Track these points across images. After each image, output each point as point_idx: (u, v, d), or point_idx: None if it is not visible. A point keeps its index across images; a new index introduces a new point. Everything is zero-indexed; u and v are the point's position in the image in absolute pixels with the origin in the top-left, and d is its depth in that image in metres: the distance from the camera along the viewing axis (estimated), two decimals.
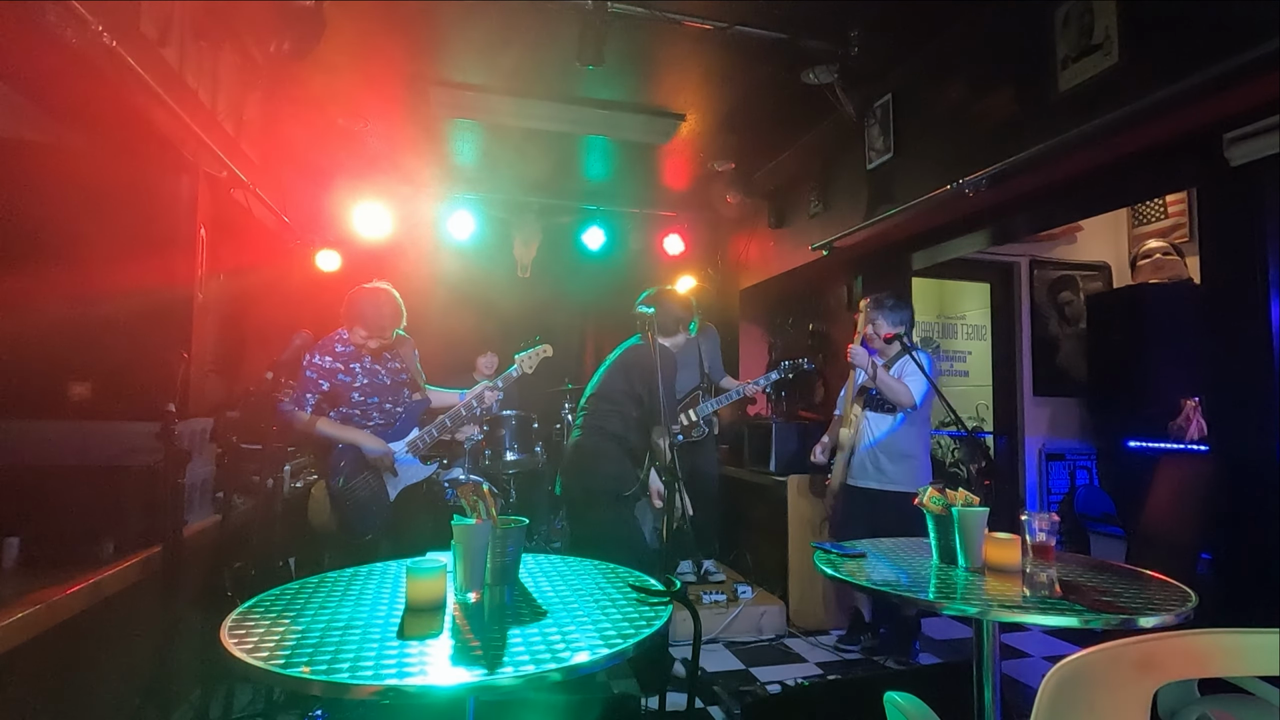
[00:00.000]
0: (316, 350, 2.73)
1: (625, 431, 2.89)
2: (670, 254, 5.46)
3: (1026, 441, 5.04)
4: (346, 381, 2.77)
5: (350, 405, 2.79)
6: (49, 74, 2.15)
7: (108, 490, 2.10)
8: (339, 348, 2.76)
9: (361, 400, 2.81)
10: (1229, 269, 2.33)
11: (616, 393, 2.94)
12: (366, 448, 2.76)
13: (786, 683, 3.12)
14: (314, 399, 2.71)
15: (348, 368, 2.77)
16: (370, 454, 2.77)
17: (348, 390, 2.78)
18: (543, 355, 3.09)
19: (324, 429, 2.73)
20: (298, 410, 2.68)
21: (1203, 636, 1.11)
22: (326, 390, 2.75)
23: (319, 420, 2.72)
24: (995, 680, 1.74)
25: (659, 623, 1.31)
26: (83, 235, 2.47)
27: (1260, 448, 2.14)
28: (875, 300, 3.47)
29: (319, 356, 2.73)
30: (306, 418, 2.70)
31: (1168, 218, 4.77)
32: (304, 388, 2.70)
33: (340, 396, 2.77)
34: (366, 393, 2.82)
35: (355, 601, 1.45)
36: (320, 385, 2.73)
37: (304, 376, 2.70)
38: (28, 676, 1.68)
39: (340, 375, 2.76)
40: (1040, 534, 1.92)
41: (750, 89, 3.67)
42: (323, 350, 2.74)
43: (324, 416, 2.75)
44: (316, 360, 2.72)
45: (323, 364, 2.73)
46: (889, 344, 3.43)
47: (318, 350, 2.74)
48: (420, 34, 3.23)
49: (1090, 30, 2.44)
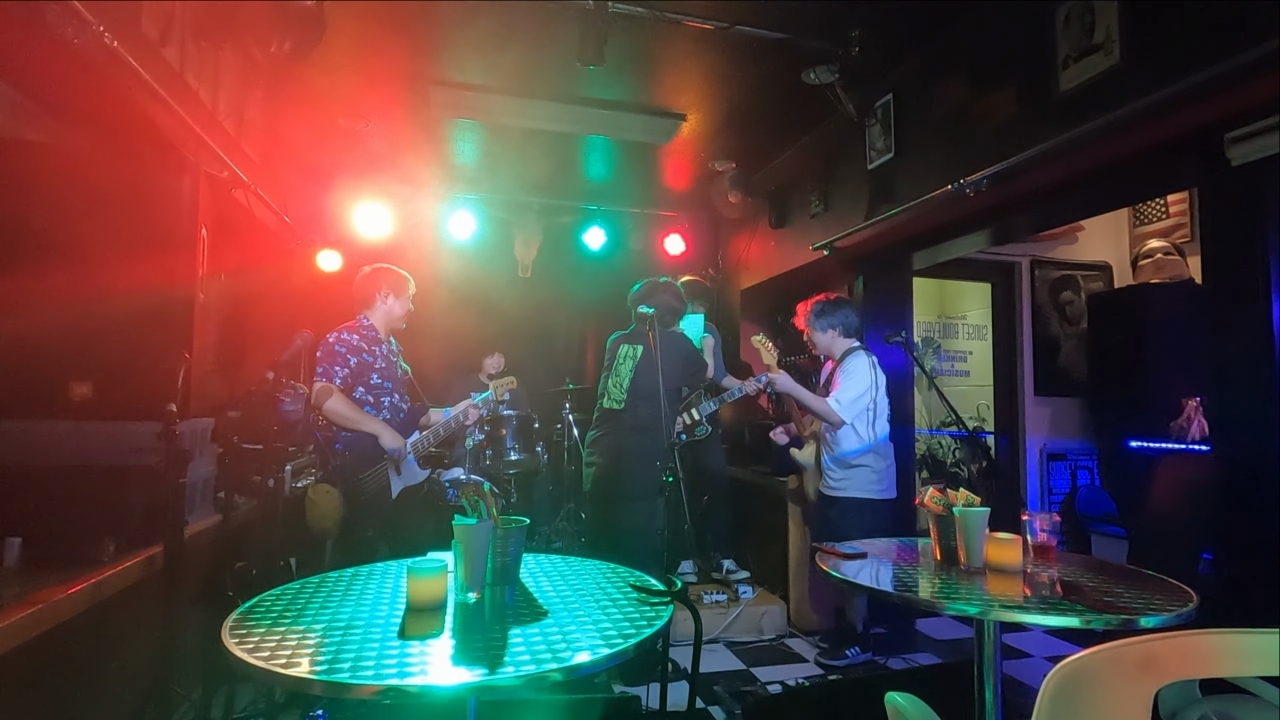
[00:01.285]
0: (343, 329, 2.84)
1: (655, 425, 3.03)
2: (671, 254, 5.46)
3: (1028, 441, 5.03)
4: (369, 361, 2.85)
5: (368, 388, 2.85)
6: (50, 74, 2.15)
7: (109, 490, 2.10)
8: (362, 330, 2.87)
9: (379, 384, 2.87)
10: (1230, 269, 2.33)
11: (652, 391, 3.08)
12: (385, 440, 2.79)
13: (787, 683, 3.13)
14: (342, 373, 2.77)
15: (371, 349, 2.86)
16: (388, 446, 2.80)
17: (368, 371, 2.84)
18: (509, 387, 3.33)
19: (344, 410, 2.73)
20: (326, 382, 2.72)
21: (1204, 637, 1.11)
22: (353, 366, 2.80)
23: (334, 395, 2.71)
24: (996, 680, 1.74)
25: (660, 623, 1.31)
26: (84, 235, 2.47)
27: (1262, 448, 2.14)
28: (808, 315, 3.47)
29: (346, 333, 2.83)
30: (335, 390, 2.71)
31: (1169, 217, 4.77)
32: (332, 361, 2.77)
33: (360, 377, 2.83)
34: (384, 377, 2.88)
35: (356, 601, 1.45)
36: (348, 360, 2.79)
37: (332, 352, 2.78)
38: (29, 676, 1.68)
39: (365, 355, 2.84)
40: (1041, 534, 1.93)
41: (751, 89, 3.67)
42: (349, 329, 2.85)
43: (348, 396, 2.79)
44: (345, 336, 2.82)
45: (350, 340, 2.82)
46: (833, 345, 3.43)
47: (344, 329, 2.84)
48: (421, 34, 3.23)
49: (1091, 30, 2.44)
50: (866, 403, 3.27)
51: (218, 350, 3.25)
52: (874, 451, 3.30)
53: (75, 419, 2.26)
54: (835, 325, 3.44)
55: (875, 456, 3.30)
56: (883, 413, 3.34)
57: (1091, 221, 5.03)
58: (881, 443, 3.32)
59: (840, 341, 3.45)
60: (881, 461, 3.31)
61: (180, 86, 2.66)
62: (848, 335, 3.46)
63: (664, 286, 3.38)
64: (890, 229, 3.60)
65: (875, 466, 3.29)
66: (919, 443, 5.16)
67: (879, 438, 3.32)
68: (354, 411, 2.76)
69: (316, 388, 2.71)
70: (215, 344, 3.19)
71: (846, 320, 3.43)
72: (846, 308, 3.47)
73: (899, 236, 3.67)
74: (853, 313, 3.47)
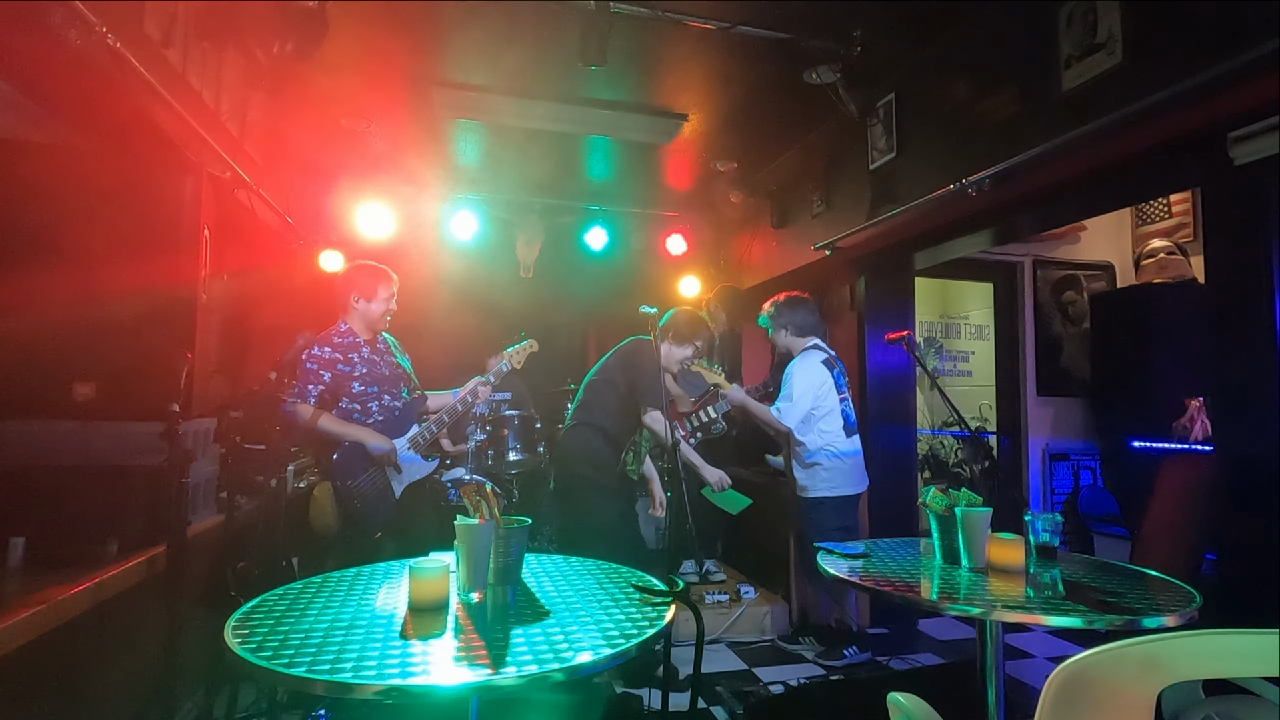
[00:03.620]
0: (315, 343, 2.76)
1: (604, 420, 3.04)
2: (673, 254, 5.46)
3: (1030, 442, 5.03)
4: (346, 372, 2.79)
5: (351, 397, 2.81)
6: (53, 75, 2.16)
7: (112, 490, 2.11)
8: (337, 339, 2.80)
9: (362, 391, 2.82)
10: (1233, 268, 2.32)
11: (598, 383, 3.12)
12: (371, 445, 2.76)
13: (789, 683, 3.12)
14: (316, 390, 2.72)
15: (346, 358, 2.80)
16: (375, 451, 2.77)
17: (348, 381, 2.79)
18: (529, 350, 3.16)
19: (327, 425, 2.72)
20: (300, 403, 2.69)
21: (1207, 637, 1.11)
22: (328, 381, 2.75)
23: (322, 416, 2.72)
24: (999, 680, 1.74)
25: (661, 623, 1.31)
26: (87, 236, 2.48)
27: (1264, 448, 2.14)
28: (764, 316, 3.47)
29: (318, 348, 2.75)
30: (310, 411, 2.70)
31: (1172, 217, 4.76)
32: (305, 380, 2.72)
33: (341, 388, 2.79)
34: (366, 382, 2.83)
35: (358, 601, 1.45)
36: (321, 376, 2.74)
37: (304, 369, 2.72)
38: (32, 675, 1.68)
39: (340, 365, 2.78)
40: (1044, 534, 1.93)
41: (753, 89, 3.67)
42: (321, 342, 2.77)
43: (327, 413, 2.75)
44: (315, 352, 2.74)
45: (322, 355, 2.75)
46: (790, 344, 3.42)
47: (316, 343, 2.76)
48: (423, 34, 3.23)
49: (1094, 30, 2.44)
50: (807, 405, 3.28)
51: (220, 350, 3.25)
52: (826, 450, 3.32)
53: (78, 419, 2.27)
54: (786, 325, 3.46)
55: (829, 455, 3.32)
56: (829, 411, 3.35)
57: (1094, 221, 5.02)
58: (834, 442, 3.33)
59: (794, 341, 3.46)
60: (836, 460, 3.32)
61: (183, 87, 2.67)
62: (800, 334, 3.46)
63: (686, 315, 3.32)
64: (892, 229, 3.59)
65: (829, 465, 3.31)
66: (921, 443, 5.15)
67: (830, 437, 3.33)
68: (336, 425, 2.74)
69: (297, 410, 2.67)
70: (218, 344, 3.19)
71: (796, 319, 3.44)
72: (800, 307, 3.47)
73: (901, 236, 3.67)
74: (805, 311, 3.47)
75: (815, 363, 3.35)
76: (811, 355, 3.38)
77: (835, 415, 3.36)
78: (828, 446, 3.32)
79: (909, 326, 4.27)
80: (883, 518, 3.88)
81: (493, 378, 3.04)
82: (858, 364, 4.06)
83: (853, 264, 4.17)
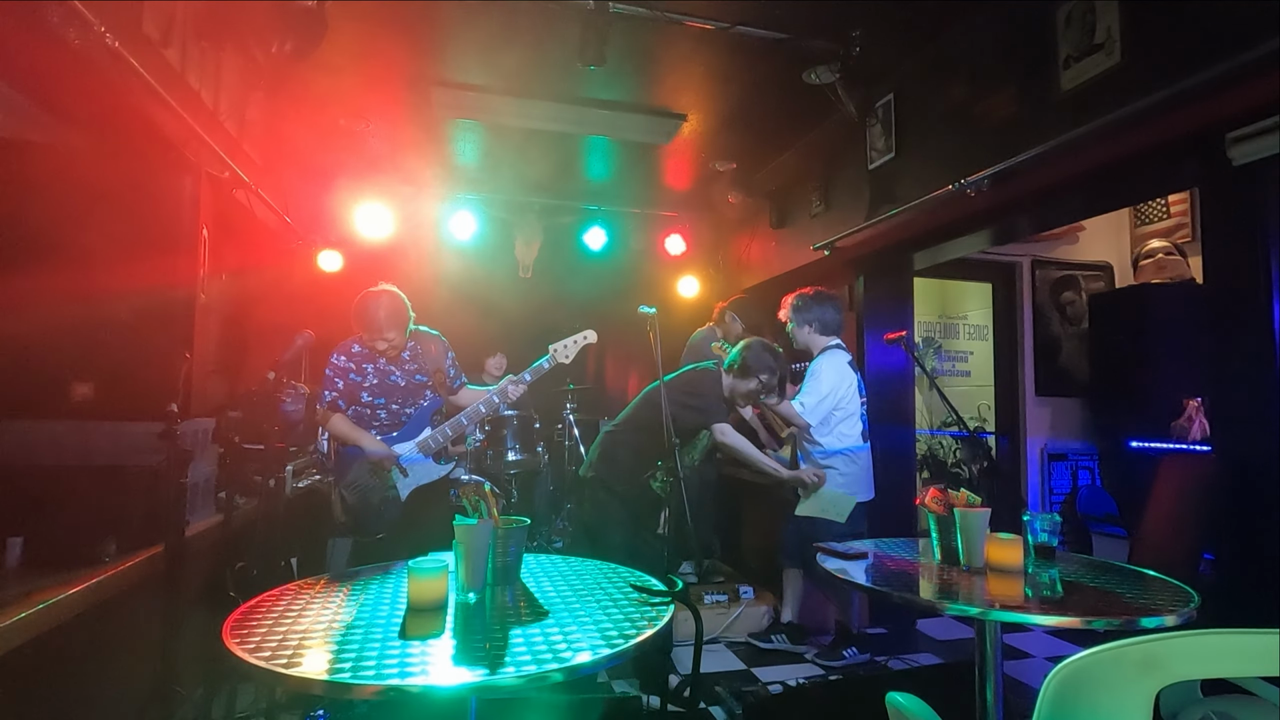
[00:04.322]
0: (337, 350, 2.87)
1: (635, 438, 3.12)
2: (672, 254, 5.46)
3: (1028, 442, 5.03)
4: (357, 381, 2.86)
5: (360, 404, 2.89)
6: (52, 75, 2.15)
7: (110, 490, 2.11)
8: (355, 348, 2.87)
9: (370, 400, 2.88)
10: (1231, 269, 2.32)
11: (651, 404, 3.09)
12: (367, 449, 2.78)
13: (788, 683, 3.12)
14: (331, 395, 2.84)
15: (359, 368, 2.86)
16: (370, 455, 2.79)
17: (358, 390, 2.87)
18: (584, 343, 3.09)
19: (335, 426, 2.84)
20: (318, 405, 2.86)
21: (1205, 637, 1.11)
22: (341, 388, 2.84)
23: (333, 416, 2.84)
24: (997, 680, 1.74)
25: (660, 623, 1.31)
26: (85, 236, 2.47)
27: (1263, 448, 2.14)
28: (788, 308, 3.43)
29: (336, 356, 2.86)
30: (322, 411, 2.85)
31: (1170, 217, 4.77)
32: (323, 384, 2.85)
33: (352, 395, 2.87)
34: (375, 393, 2.88)
35: (357, 601, 1.45)
36: (335, 383, 2.84)
37: (324, 374, 2.86)
38: (30, 676, 1.68)
39: (352, 375, 2.85)
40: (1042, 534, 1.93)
41: (752, 89, 3.67)
42: (340, 350, 2.87)
43: (340, 414, 2.84)
44: (334, 359, 2.86)
45: (338, 363, 2.85)
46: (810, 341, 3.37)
47: (337, 350, 2.87)
48: (422, 35, 3.23)
49: (1092, 30, 2.44)
50: (831, 404, 3.22)
51: (219, 350, 3.25)
52: (841, 454, 3.25)
53: (77, 419, 2.27)
54: (811, 321, 3.37)
55: (844, 459, 3.25)
56: (850, 415, 3.28)
57: (1092, 221, 5.02)
58: (852, 446, 3.27)
59: (817, 339, 3.39)
60: (851, 464, 3.26)
61: (182, 87, 2.66)
62: (825, 333, 3.39)
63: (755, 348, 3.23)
64: (891, 229, 3.60)
65: (843, 469, 3.25)
66: (920, 443, 5.16)
67: (849, 440, 3.27)
68: (344, 428, 2.84)
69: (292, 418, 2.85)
70: (216, 344, 3.19)
71: (824, 317, 3.37)
72: (827, 303, 3.40)
73: (900, 236, 3.67)
74: (832, 309, 3.40)
75: (843, 363, 3.30)
76: (838, 355, 3.31)
77: (856, 419, 3.30)
78: (845, 450, 3.26)
79: (908, 327, 4.27)
80: (881, 518, 3.88)
81: (529, 375, 2.98)
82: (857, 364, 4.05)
83: (851, 264, 4.18)
